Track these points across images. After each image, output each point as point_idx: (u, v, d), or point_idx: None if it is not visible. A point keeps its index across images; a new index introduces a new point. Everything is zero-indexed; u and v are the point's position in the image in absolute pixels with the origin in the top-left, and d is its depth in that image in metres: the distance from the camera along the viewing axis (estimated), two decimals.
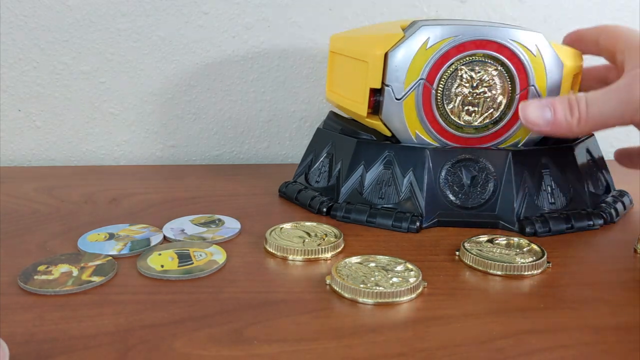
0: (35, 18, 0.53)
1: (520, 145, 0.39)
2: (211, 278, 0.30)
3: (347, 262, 0.31)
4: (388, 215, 0.37)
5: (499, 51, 0.37)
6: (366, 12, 0.58)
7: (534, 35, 0.37)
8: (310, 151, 0.45)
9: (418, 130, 0.38)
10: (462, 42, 0.37)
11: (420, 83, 0.37)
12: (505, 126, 0.38)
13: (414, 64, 0.37)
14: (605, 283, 0.31)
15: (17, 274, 0.29)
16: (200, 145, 0.59)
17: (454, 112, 0.38)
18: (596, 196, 0.41)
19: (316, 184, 0.43)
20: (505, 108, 0.38)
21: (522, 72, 0.37)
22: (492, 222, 0.38)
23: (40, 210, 0.40)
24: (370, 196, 0.39)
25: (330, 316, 0.27)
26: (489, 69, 0.37)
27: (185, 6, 0.55)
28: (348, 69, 0.41)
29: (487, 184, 0.38)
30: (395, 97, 0.37)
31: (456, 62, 0.37)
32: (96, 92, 0.56)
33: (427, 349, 0.24)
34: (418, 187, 0.38)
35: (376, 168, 0.39)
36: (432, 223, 0.38)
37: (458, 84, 0.37)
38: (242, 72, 0.57)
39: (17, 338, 0.24)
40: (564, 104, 0.35)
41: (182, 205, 0.42)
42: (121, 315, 0.26)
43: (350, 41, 0.42)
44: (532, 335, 0.25)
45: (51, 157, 0.56)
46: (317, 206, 0.40)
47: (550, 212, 0.38)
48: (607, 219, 0.39)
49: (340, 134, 0.42)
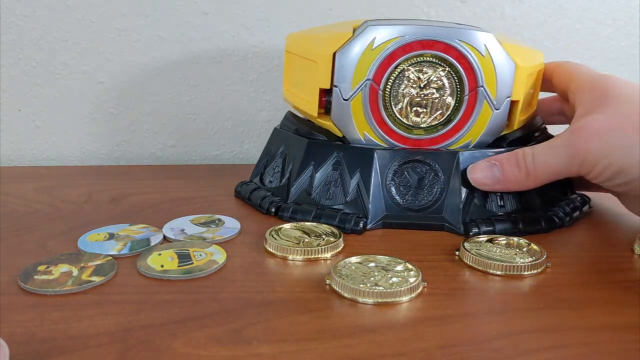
0: (35, 18, 0.53)
1: (472, 147, 0.39)
2: (211, 278, 0.30)
3: (347, 262, 0.31)
4: (333, 216, 0.37)
5: (446, 52, 0.36)
6: (366, 12, 0.58)
7: (483, 35, 0.36)
8: (267, 151, 0.45)
9: (366, 131, 0.38)
10: (409, 42, 0.36)
11: (367, 83, 0.37)
12: (455, 127, 0.38)
13: (360, 64, 0.37)
14: (605, 283, 0.31)
15: (17, 274, 0.29)
16: (200, 145, 0.59)
17: (402, 113, 0.38)
18: (551, 200, 0.40)
19: (269, 184, 0.42)
20: (454, 109, 0.38)
21: (470, 73, 0.37)
22: (438, 224, 0.37)
23: (40, 210, 0.40)
24: (319, 197, 0.39)
25: (330, 316, 0.27)
26: (437, 70, 0.37)
27: (185, 6, 0.55)
28: (301, 69, 0.41)
29: (435, 186, 0.38)
30: (343, 98, 0.37)
31: (403, 63, 0.37)
32: (96, 92, 0.56)
33: (426, 348, 0.24)
34: (365, 188, 0.38)
35: (325, 169, 0.39)
36: (377, 225, 0.37)
37: (405, 84, 0.37)
38: (242, 72, 0.57)
39: (17, 338, 0.24)
40: (510, 161, 0.36)
41: (182, 205, 0.42)
42: (121, 315, 0.26)
43: (303, 40, 0.42)
44: (531, 335, 0.25)
45: (51, 157, 0.56)
46: (266, 206, 0.40)
47: (498, 215, 0.37)
48: (558, 223, 0.38)
49: (295, 134, 0.42)
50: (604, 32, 0.63)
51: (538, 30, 0.62)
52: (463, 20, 0.60)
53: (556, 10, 0.62)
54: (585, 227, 0.39)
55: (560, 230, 0.38)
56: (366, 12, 0.58)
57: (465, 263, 0.33)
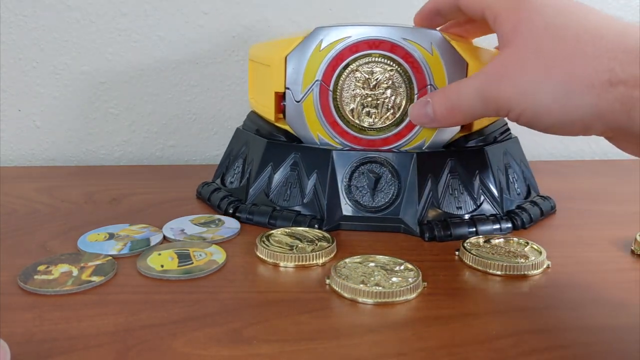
0: (35, 18, 0.53)
1: (425, 148, 0.38)
2: (211, 278, 0.30)
3: (347, 262, 0.31)
4: (288, 218, 0.37)
5: (392, 51, 0.36)
6: (366, 12, 0.58)
7: (430, 34, 0.36)
8: (229, 151, 0.45)
9: (320, 132, 0.38)
10: (355, 42, 0.36)
11: (317, 84, 0.37)
12: (407, 127, 0.37)
13: (309, 66, 0.37)
14: (604, 283, 0.31)
15: (17, 274, 0.29)
16: (200, 145, 0.59)
17: (353, 114, 0.37)
18: (511, 201, 0.39)
19: (230, 185, 0.42)
20: (405, 109, 0.37)
21: (419, 72, 0.36)
22: (394, 225, 0.37)
23: (40, 210, 0.40)
24: (276, 198, 0.38)
25: (330, 316, 0.27)
26: (386, 70, 0.37)
27: (185, 6, 0.55)
28: (259, 75, 0.42)
29: (391, 187, 0.37)
30: (295, 100, 0.37)
31: (352, 63, 0.36)
32: (96, 92, 0.56)
33: (426, 348, 0.24)
34: (321, 189, 0.37)
35: (283, 169, 0.39)
36: (333, 226, 0.37)
37: (355, 85, 0.37)
38: (241, 72, 0.57)
39: (17, 338, 0.24)
40: (440, 96, 0.33)
41: (182, 205, 0.42)
42: (121, 315, 0.26)
43: (260, 48, 0.42)
44: (531, 335, 0.25)
45: (51, 157, 0.56)
46: (224, 207, 0.40)
47: (455, 216, 0.37)
48: (517, 224, 0.38)
49: (255, 134, 0.42)
50: None
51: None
52: None
53: None
54: (585, 228, 0.39)
55: (560, 230, 0.38)
56: (366, 12, 0.58)
57: (465, 263, 0.33)
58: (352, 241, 0.36)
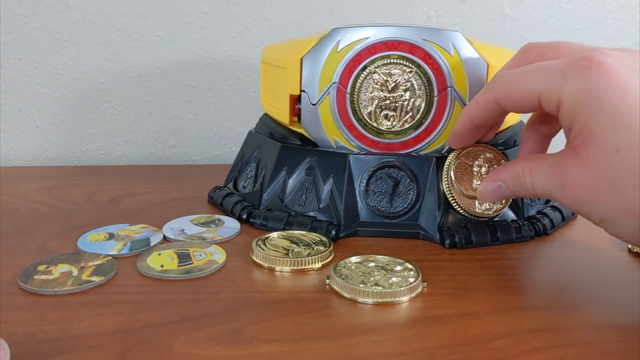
0: (35, 18, 0.53)
1: (445, 152, 0.37)
2: (211, 278, 0.30)
3: (346, 262, 0.31)
4: (304, 223, 0.36)
5: (412, 52, 0.35)
6: (366, 12, 0.58)
7: (450, 35, 0.35)
8: (241, 155, 0.44)
9: (336, 136, 0.37)
10: (373, 43, 0.35)
11: (334, 87, 0.36)
12: (426, 130, 0.36)
13: (326, 68, 0.36)
14: (604, 283, 0.31)
15: (17, 274, 0.29)
16: (200, 145, 0.59)
17: (371, 117, 0.36)
18: (531, 206, 0.38)
19: (243, 190, 0.41)
20: (424, 111, 0.36)
21: (439, 74, 0.35)
22: (413, 232, 0.36)
23: (40, 210, 0.40)
24: (291, 203, 0.37)
25: (329, 316, 0.27)
26: (405, 71, 0.36)
27: (185, 6, 0.55)
28: (273, 77, 0.41)
29: (409, 192, 0.36)
30: (311, 103, 0.37)
31: (369, 65, 0.35)
32: (96, 92, 0.56)
33: (426, 348, 0.24)
34: (338, 194, 0.36)
35: (298, 174, 0.38)
36: (351, 232, 0.36)
37: (373, 87, 0.36)
38: (242, 72, 0.57)
39: (17, 338, 0.24)
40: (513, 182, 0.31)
41: (182, 205, 0.42)
42: (121, 315, 0.26)
43: (274, 50, 0.41)
44: (531, 335, 0.25)
45: (51, 157, 0.56)
46: (238, 212, 0.39)
47: (475, 222, 0.36)
48: (539, 231, 0.36)
49: (269, 137, 0.41)
50: (604, 32, 0.63)
51: (538, 30, 0.62)
52: (463, 20, 0.60)
53: (556, 10, 0.62)
54: (583, 227, 0.39)
55: (558, 231, 0.38)
56: (366, 12, 0.58)
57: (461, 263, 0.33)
58: (351, 241, 0.36)
